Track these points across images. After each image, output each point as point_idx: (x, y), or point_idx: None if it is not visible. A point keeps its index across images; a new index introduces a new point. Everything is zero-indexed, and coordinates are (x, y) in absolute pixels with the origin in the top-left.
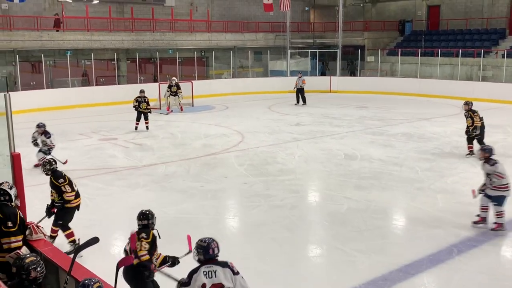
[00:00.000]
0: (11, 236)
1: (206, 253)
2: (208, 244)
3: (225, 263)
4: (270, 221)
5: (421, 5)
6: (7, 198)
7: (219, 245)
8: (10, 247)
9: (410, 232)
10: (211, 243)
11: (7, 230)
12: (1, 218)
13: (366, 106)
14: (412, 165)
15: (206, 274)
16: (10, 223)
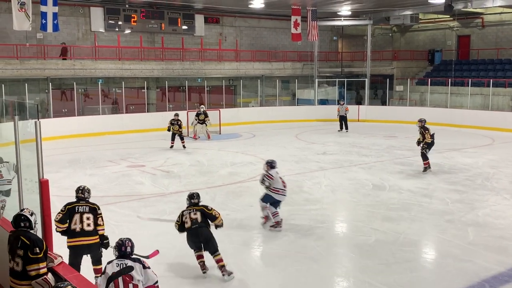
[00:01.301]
0: (39, 262)
1: (119, 250)
2: (123, 242)
3: (138, 259)
4: (295, 252)
5: (451, 34)
6: (27, 224)
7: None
8: (38, 273)
9: (440, 265)
10: (125, 241)
11: (34, 256)
12: (28, 245)
13: (395, 136)
14: (442, 197)
15: (118, 265)
16: (38, 249)
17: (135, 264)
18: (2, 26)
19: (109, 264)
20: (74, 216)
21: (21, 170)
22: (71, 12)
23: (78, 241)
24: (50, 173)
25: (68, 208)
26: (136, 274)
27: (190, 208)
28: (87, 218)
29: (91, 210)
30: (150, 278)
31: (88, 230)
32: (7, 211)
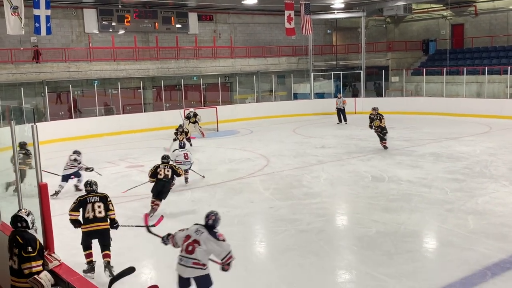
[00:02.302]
0: (32, 261)
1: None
2: (209, 215)
3: (214, 233)
4: (297, 246)
5: (445, 24)
6: (24, 224)
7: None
8: (31, 271)
9: (441, 255)
10: (211, 215)
11: (27, 255)
12: (21, 244)
13: (393, 127)
14: (441, 186)
15: (196, 231)
16: (30, 248)
17: (210, 237)
18: None
19: (194, 226)
20: (86, 206)
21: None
22: (64, 14)
23: (91, 227)
24: (49, 176)
25: (80, 200)
26: (206, 242)
27: (165, 165)
28: (98, 206)
29: (101, 199)
30: (223, 249)
31: (100, 217)
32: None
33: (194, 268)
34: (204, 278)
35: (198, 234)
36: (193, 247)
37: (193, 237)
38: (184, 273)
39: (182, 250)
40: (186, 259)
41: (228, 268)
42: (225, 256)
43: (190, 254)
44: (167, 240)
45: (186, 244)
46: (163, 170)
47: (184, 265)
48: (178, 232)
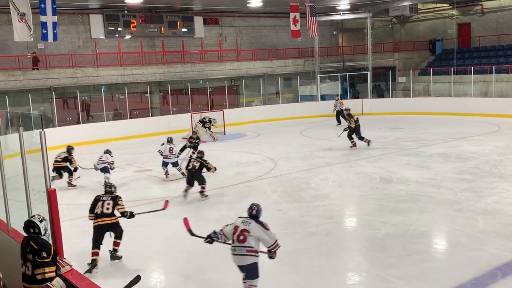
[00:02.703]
0: (45, 267)
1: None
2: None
3: (261, 222)
4: (306, 249)
5: (451, 23)
6: (37, 231)
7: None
8: (44, 277)
9: (451, 255)
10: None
11: (41, 260)
12: (36, 249)
13: (400, 128)
14: (450, 186)
15: (243, 222)
16: (45, 253)
17: (258, 225)
18: (3, 38)
19: (239, 219)
20: (97, 203)
21: (28, 180)
22: (70, 20)
23: (99, 221)
24: (57, 182)
25: (95, 199)
26: (253, 230)
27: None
28: (107, 203)
29: (112, 199)
30: (271, 237)
31: (106, 213)
32: (17, 221)
33: (248, 255)
34: (255, 268)
35: (246, 224)
36: (244, 236)
37: (241, 227)
38: (240, 262)
39: (234, 241)
40: (239, 248)
41: (275, 256)
42: (272, 244)
43: (243, 243)
44: (215, 236)
45: (237, 234)
46: (192, 163)
47: (239, 254)
48: (225, 228)
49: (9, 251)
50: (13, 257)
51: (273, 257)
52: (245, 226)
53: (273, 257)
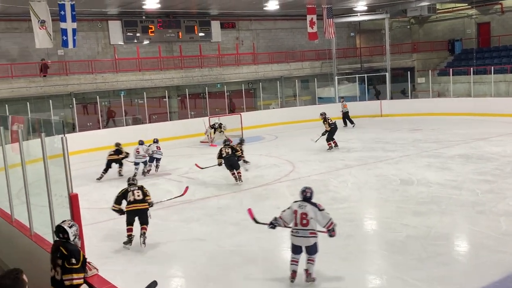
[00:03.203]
0: (73, 273)
1: (301, 194)
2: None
3: (314, 203)
4: (325, 252)
5: (470, 23)
6: (66, 236)
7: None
8: (72, 283)
9: (473, 258)
10: (306, 189)
11: (70, 267)
12: (65, 255)
13: (420, 129)
14: (472, 188)
15: (299, 206)
16: (74, 259)
17: (313, 207)
18: (24, 45)
19: (295, 203)
20: (128, 193)
21: (50, 185)
22: (89, 27)
23: (132, 207)
24: (79, 186)
25: (123, 192)
26: (310, 212)
27: (226, 147)
28: (137, 192)
29: (139, 188)
30: (324, 217)
31: (138, 199)
32: (39, 226)
33: (311, 237)
34: (315, 245)
35: (302, 208)
36: (306, 220)
37: (299, 211)
38: (303, 243)
39: (296, 225)
40: (303, 231)
41: (334, 234)
42: (327, 223)
43: (306, 226)
44: (276, 222)
45: (300, 218)
46: (225, 150)
47: (303, 236)
48: (283, 213)
49: (32, 255)
50: (37, 261)
51: (332, 235)
52: (302, 209)
53: (332, 235)
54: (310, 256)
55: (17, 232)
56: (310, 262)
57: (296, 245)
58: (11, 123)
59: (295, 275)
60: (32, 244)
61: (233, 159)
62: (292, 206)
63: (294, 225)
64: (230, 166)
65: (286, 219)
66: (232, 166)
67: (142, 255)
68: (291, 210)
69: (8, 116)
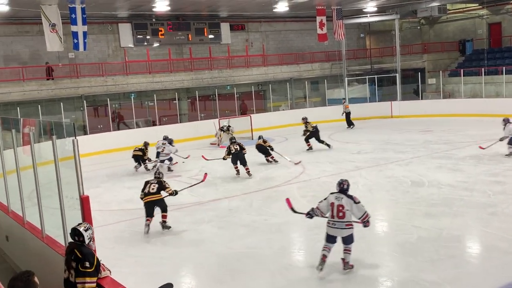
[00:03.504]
0: (86, 276)
1: (339, 187)
2: (341, 182)
3: (350, 196)
4: (336, 253)
5: (481, 23)
6: (81, 239)
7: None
8: (84, 287)
9: (485, 260)
10: (343, 182)
11: (83, 270)
12: (80, 258)
13: (431, 130)
14: (483, 189)
15: (336, 197)
16: (88, 263)
17: (349, 200)
18: (35, 48)
19: (332, 195)
20: (146, 186)
21: (62, 187)
22: (100, 30)
23: (147, 198)
24: (90, 188)
25: (146, 182)
26: (346, 205)
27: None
28: (153, 185)
29: (158, 183)
30: (360, 210)
31: (152, 192)
32: (51, 228)
33: (347, 229)
34: (351, 236)
35: (339, 200)
36: (343, 212)
37: (336, 203)
38: (339, 234)
39: (333, 216)
40: (339, 223)
41: (368, 225)
42: (362, 216)
43: (343, 219)
44: (313, 212)
45: (336, 211)
46: (233, 146)
47: (339, 228)
48: (320, 204)
49: (44, 257)
50: (49, 263)
51: (366, 225)
52: (338, 201)
53: (366, 226)
54: (347, 246)
55: (29, 234)
56: (346, 252)
57: (331, 235)
58: (23, 126)
59: (325, 259)
60: (44, 246)
61: (241, 155)
62: (329, 198)
63: (330, 217)
64: (237, 162)
65: (322, 210)
66: (240, 162)
67: (153, 256)
68: (328, 202)
69: (19, 119)
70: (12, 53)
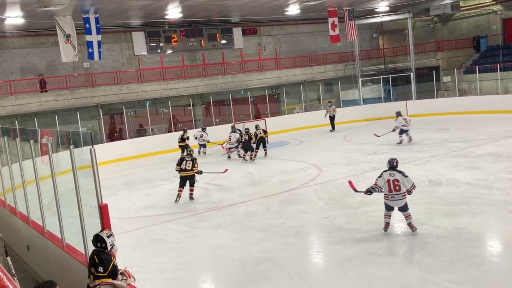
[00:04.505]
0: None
1: (390, 164)
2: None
3: (400, 171)
4: (355, 256)
5: (495, 19)
6: (103, 245)
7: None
8: None
9: (506, 259)
10: (393, 160)
11: (97, 274)
12: (96, 263)
13: (448, 128)
14: (502, 187)
15: (390, 174)
16: (102, 268)
17: (400, 174)
18: (51, 59)
19: (385, 173)
20: (183, 161)
21: (80, 196)
22: (113, 39)
23: (182, 173)
24: (108, 196)
25: (180, 159)
26: (400, 178)
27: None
28: (188, 162)
29: (192, 160)
30: (409, 182)
31: (188, 169)
32: (71, 237)
33: (403, 199)
34: (406, 204)
35: (393, 175)
36: (398, 186)
37: (391, 179)
38: (397, 204)
39: (391, 191)
40: (397, 195)
41: (411, 193)
42: (411, 186)
43: (399, 192)
44: (373, 189)
45: (393, 185)
46: (243, 136)
47: (397, 199)
48: (378, 181)
49: (65, 265)
50: (69, 271)
51: (410, 192)
52: (393, 177)
53: (410, 193)
54: (405, 212)
55: (50, 243)
56: (408, 218)
57: (390, 205)
58: (41, 136)
59: (388, 226)
60: (64, 254)
61: (247, 144)
62: (383, 176)
63: (388, 191)
64: (245, 150)
65: (380, 186)
66: (245, 150)
67: (171, 262)
68: (383, 179)
69: (37, 129)
70: (28, 64)
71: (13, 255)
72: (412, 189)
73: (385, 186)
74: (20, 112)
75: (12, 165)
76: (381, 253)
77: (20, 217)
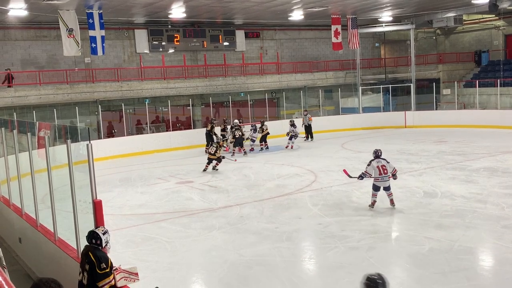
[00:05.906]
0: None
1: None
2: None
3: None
4: (347, 264)
5: (497, 34)
6: (98, 242)
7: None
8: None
9: (498, 273)
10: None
11: (103, 271)
12: (93, 262)
13: (445, 141)
14: (497, 202)
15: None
16: (104, 264)
17: (385, 160)
18: (52, 52)
19: (374, 161)
20: (210, 146)
21: (75, 191)
22: (116, 35)
23: (209, 156)
24: (103, 192)
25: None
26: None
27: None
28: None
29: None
30: (391, 167)
31: (211, 153)
32: (63, 231)
33: (389, 180)
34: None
35: (380, 162)
36: (385, 169)
37: (379, 165)
38: (385, 184)
39: (381, 174)
40: (385, 177)
41: (396, 178)
42: (393, 170)
43: (386, 174)
44: (364, 175)
45: (382, 170)
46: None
47: (385, 180)
48: (367, 168)
49: (56, 260)
50: (60, 266)
51: (395, 177)
52: (380, 163)
53: (395, 178)
54: (388, 191)
55: (42, 237)
56: (390, 195)
57: (378, 186)
58: (38, 129)
59: (374, 203)
60: (56, 249)
61: (240, 139)
62: (372, 164)
63: (378, 175)
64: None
65: (370, 172)
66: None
67: (164, 262)
68: (373, 167)
69: (35, 122)
70: (29, 57)
71: (4, 247)
72: (395, 173)
73: (375, 171)
74: (19, 104)
75: (8, 156)
76: (373, 262)
77: (13, 209)
